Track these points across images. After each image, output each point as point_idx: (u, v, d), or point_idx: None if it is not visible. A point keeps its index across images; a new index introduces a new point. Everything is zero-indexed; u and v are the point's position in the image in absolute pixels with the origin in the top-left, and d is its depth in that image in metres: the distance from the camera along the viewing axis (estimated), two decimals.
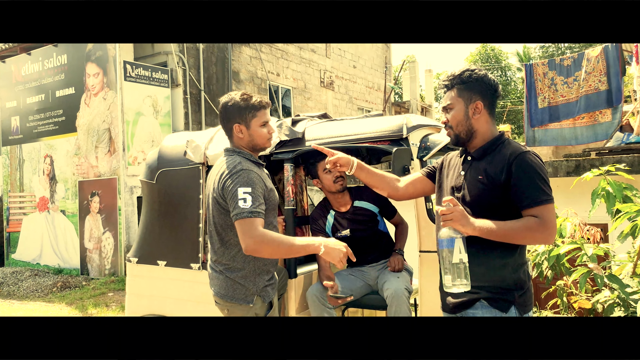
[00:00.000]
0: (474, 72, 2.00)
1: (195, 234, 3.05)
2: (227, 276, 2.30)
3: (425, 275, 2.53)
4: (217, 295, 2.35)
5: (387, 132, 2.64)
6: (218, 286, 2.34)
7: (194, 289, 3.03)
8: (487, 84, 2.00)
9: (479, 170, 1.97)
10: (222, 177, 2.22)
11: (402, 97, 18.92)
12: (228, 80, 11.52)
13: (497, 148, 1.97)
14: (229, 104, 2.33)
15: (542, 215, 1.81)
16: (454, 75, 2.03)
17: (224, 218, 2.26)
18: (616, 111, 6.97)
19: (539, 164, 1.89)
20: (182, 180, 3.14)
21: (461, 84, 2.01)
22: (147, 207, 3.36)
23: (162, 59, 10.38)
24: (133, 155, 9.24)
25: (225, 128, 2.38)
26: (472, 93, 1.99)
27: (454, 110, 2.02)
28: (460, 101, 2.01)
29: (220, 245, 2.31)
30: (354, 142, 2.73)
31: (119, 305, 7.03)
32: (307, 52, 14.05)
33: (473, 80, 1.99)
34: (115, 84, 9.18)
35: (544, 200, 1.83)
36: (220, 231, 2.30)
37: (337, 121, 3.05)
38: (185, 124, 10.41)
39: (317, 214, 3.00)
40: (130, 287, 3.39)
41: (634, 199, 3.88)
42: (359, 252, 3.01)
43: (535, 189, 1.84)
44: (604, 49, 7.10)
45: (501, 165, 1.90)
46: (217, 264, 2.34)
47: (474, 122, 2.00)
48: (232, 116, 2.33)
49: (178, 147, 3.24)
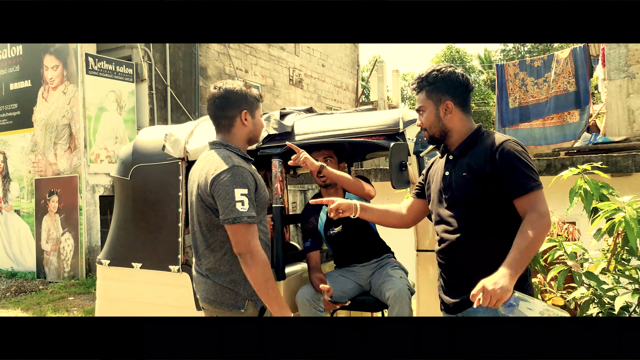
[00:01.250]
0: (440, 71, 1.97)
1: (174, 234, 2.85)
2: (215, 281, 2.11)
3: (422, 274, 2.44)
4: (205, 301, 2.16)
5: (383, 126, 2.53)
6: (205, 291, 2.15)
7: (173, 293, 2.84)
8: (454, 81, 1.97)
9: (462, 166, 1.93)
10: (211, 174, 2.03)
11: (369, 97, 18.98)
12: (195, 76, 11.20)
13: (478, 141, 1.95)
14: (235, 89, 2.16)
15: (533, 203, 1.79)
16: (421, 77, 2.01)
17: (209, 217, 2.08)
18: (584, 112, 7.14)
19: (521, 151, 1.86)
20: (160, 177, 2.94)
21: (429, 85, 1.99)
22: (120, 206, 3.14)
23: (127, 53, 9.97)
24: (95, 153, 8.81)
25: (226, 116, 2.15)
26: (441, 94, 1.97)
27: (426, 112, 2.02)
28: (430, 103, 1.99)
29: (205, 248, 2.12)
30: (347, 137, 2.61)
31: (81, 309, 6.66)
32: (276, 49, 13.86)
33: (440, 81, 1.97)
34: (76, 77, 8.73)
35: (533, 187, 1.80)
36: (205, 232, 2.11)
37: (328, 115, 2.92)
38: (150, 120, 10.03)
39: (309, 212, 2.86)
40: (101, 292, 3.15)
41: (611, 198, 3.94)
42: (350, 250, 2.90)
43: (522, 176, 1.80)
44: (572, 51, 7.26)
45: (484, 157, 1.87)
46: (201, 267, 2.15)
47: (447, 121, 1.98)
48: (240, 102, 2.15)
49: (155, 141, 3.03)
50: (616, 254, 4.16)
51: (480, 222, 1.86)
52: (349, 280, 2.84)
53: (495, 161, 1.83)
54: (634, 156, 5.85)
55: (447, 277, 1.98)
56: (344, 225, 2.80)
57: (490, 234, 1.86)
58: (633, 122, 6.74)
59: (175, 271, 2.83)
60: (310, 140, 2.66)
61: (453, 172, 1.96)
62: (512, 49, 31.46)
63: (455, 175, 1.94)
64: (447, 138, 2.00)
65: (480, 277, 1.76)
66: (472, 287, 1.73)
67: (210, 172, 2.04)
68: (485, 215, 1.85)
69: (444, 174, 2.00)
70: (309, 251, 2.78)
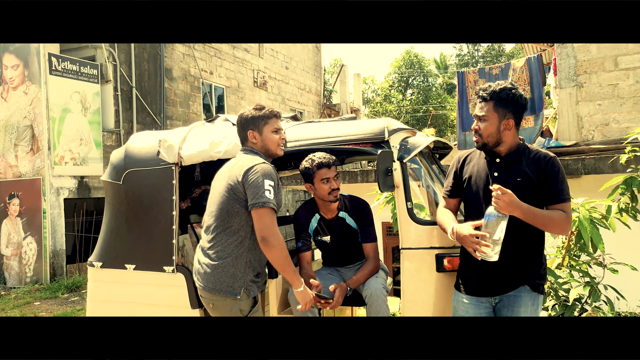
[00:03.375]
0: (511, 91, 2.20)
1: (168, 236, 2.96)
2: (218, 264, 2.41)
3: (407, 272, 2.65)
4: (204, 289, 2.46)
5: (370, 134, 2.74)
6: (205, 280, 2.45)
7: (167, 293, 2.94)
8: (520, 104, 2.23)
9: (516, 171, 2.23)
10: (247, 165, 2.41)
11: (331, 99, 19.26)
12: (161, 77, 11.12)
13: (526, 152, 2.26)
14: (244, 114, 2.58)
15: (566, 210, 2.17)
16: (494, 90, 2.22)
17: (234, 205, 2.42)
18: (538, 118, 7.61)
19: (561, 168, 2.23)
20: (153, 181, 3.03)
21: (499, 100, 2.21)
22: (111, 209, 3.21)
23: (90, 53, 9.81)
24: (60, 155, 8.64)
25: (241, 136, 2.61)
26: (507, 110, 2.22)
27: (488, 122, 2.24)
28: (495, 116, 2.23)
29: (221, 231, 2.44)
30: (336, 144, 2.80)
31: (49, 314, 6.56)
32: (241, 51, 13.90)
33: (510, 99, 2.20)
34: (38, 77, 8.54)
35: (567, 198, 2.19)
36: (225, 217, 2.43)
37: (315, 123, 3.11)
38: (115, 121, 9.91)
39: (302, 214, 3.03)
40: (92, 294, 3.21)
41: None
42: (337, 257, 3.10)
43: (562, 188, 2.19)
44: (527, 60, 7.73)
45: (537, 168, 2.21)
46: (208, 251, 2.46)
47: (504, 135, 2.24)
48: (247, 124, 2.57)
49: (147, 146, 3.12)
50: (569, 250, 4.55)
51: (518, 220, 2.17)
52: (335, 277, 3.04)
53: (547, 173, 2.18)
54: (583, 160, 6.33)
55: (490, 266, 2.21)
56: (332, 236, 2.98)
57: (528, 229, 2.17)
58: (582, 127, 7.27)
59: (170, 272, 2.93)
60: (301, 147, 2.84)
61: (505, 174, 2.23)
62: (467, 54, 32.56)
63: (508, 178, 2.21)
64: (497, 147, 2.26)
65: (527, 266, 2.21)
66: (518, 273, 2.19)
67: (245, 165, 2.42)
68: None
69: (493, 175, 2.26)
70: (300, 252, 2.96)
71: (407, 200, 2.67)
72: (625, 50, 7.01)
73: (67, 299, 7.42)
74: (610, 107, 7.11)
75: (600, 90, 7.16)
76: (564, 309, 4.24)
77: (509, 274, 2.22)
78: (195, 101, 12.32)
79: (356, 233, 2.99)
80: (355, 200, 3.04)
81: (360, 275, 2.87)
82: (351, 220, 2.98)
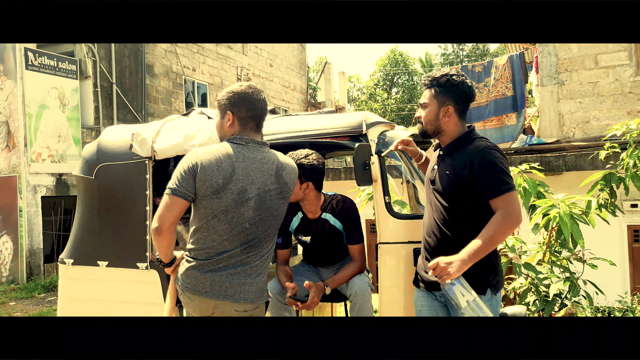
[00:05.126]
0: (452, 77, 2.14)
1: (142, 232, 2.88)
2: (262, 274, 2.20)
3: (386, 266, 2.61)
4: (246, 301, 2.15)
5: (347, 128, 2.69)
6: (246, 292, 2.15)
7: (141, 289, 2.87)
8: (461, 90, 2.15)
9: (447, 165, 2.16)
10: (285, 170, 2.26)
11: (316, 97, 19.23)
12: (142, 73, 10.96)
13: (464, 145, 2.14)
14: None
15: (504, 203, 2.01)
16: (434, 77, 2.18)
17: (284, 207, 2.28)
18: (520, 115, 7.67)
19: (498, 157, 2.07)
20: (126, 176, 2.95)
21: (439, 87, 2.15)
22: (83, 205, 3.12)
23: (69, 48, 9.63)
24: (37, 152, 8.46)
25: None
26: (446, 97, 2.15)
27: (428, 109, 2.19)
28: (435, 102, 2.17)
29: (272, 238, 2.24)
30: (314, 137, 2.75)
31: (24, 314, 6.40)
32: (224, 48, 13.78)
33: (449, 86, 2.14)
34: (14, 72, 8.34)
35: (504, 190, 2.02)
36: (275, 223, 2.24)
37: (293, 116, 3.05)
38: (95, 118, 9.74)
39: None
40: (64, 291, 3.11)
41: (547, 195, 4.33)
42: (316, 257, 3.03)
43: (496, 180, 2.03)
44: (510, 58, 7.78)
45: (464, 163, 2.08)
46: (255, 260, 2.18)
47: (443, 123, 2.18)
48: None
49: (120, 140, 3.04)
50: (550, 246, 4.57)
51: (456, 214, 2.10)
52: (313, 274, 2.98)
53: (474, 167, 2.05)
54: (564, 156, 6.38)
55: (430, 258, 2.17)
56: (313, 237, 2.89)
57: (465, 224, 2.08)
58: (563, 125, 7.32)
59: (143, 268, 2.86)
60: (277, 140, 2.79)
61: (440, 167, 2.19)
62: (452, 54, 32.79)
63: (441, 171, 2.17)
64: (439, 136, 2.21)
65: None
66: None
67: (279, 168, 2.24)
68: (461, 209, 2.09)
69: (433, 167, 2.23)
70: (279, 248, 2.89)
71: (385, 195, 2.63)
72: (605, 49, 7.08)
73: (44, 299, 7.26)
74: (591, 104, 7.18)
75: (581, 88, 7.22)
76: (545, 304, 4.26)
77: None
78: (178, 98, 12.18)
79: (340, 235, 2.88)
80: (342, 200, 2.89)
81: (341, 275, 2.78)
82: (336, 221, 2.85)
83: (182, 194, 2.07)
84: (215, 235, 2.10)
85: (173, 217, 2.07)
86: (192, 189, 2.07)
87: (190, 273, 2.12)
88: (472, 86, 2.19)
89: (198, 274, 2.11)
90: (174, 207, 2.07)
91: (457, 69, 8.20)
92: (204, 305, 2.12)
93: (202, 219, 2.11)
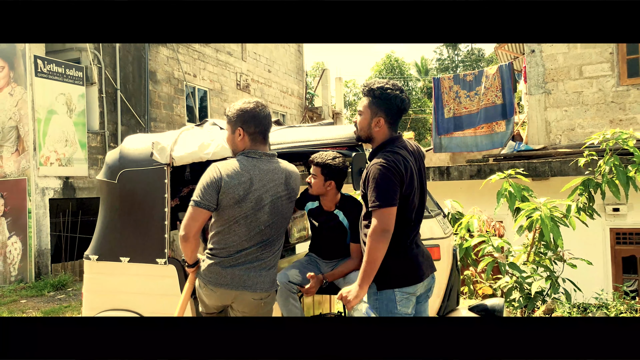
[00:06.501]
0: (385, 90, 2.26)
1: (160, 231, 3.21)
2: (273, 266, 2.58)
3: None
4: (262, 290, 2.51)
5: (345, 138, 3.04)
6: (262, 282, 2.51)
7: (160, 283, 3.19)
8: (394, 105, 2.28)
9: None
10: (292, 178, 2.63)
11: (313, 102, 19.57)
12: (145, 80, 11.29)
13: (376, 155, 2.30)
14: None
15: (373, 219, 2.18)
16: (371, 87, 2.30)
17: (292, 209, 2.68)
18: (509, 123, 8.03)
19: (377, 173, 2.19)
20: (147, 180, 3.28)
21: (373, 98, 2.29)
22: (106, 206, 3.44)
23: (75, 55, 9.95)
24: (45, 155, 8.77)
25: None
26: (379, 109, 2.29)
27: (362, 117, 2.36)
28: (368, 112, 2.32)
29: (282, 237, 2.61)
30: (315, 147, 3.09)
31: (38, 312, 6.70)
32: (224, 54, 14.12)
33: (383, 99, 2.27)
34: (24, 79, 8.66)
35: (373, 207, 2.18)
36: (284, 224, 2.62)
37: (296, 128, 3.39)
38: (100, 123, 10.06)
39: (304, 195, 3.21)
40: (88, 285, 3.44)
41: (530, 199, 4.68)
42: (319, 244, 3.36)
43: (370, 195, 2.20)
44: (499, 67, 8.15)
45: (364, 174, 2.31)
46: (269, 256, 2.55)
47: (374, 132, 2.34)
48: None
49: (140, 148, 3.37)
50: (534, 247, 4.92)
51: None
52: (315, 268, 3.31)
53: (366, 179, 2.25)
54: (550, 162, 6.74)
55: None
56: (320, 224, 3.21)
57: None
58: (550, 132, 7.69)
59: (162, 264, 3.19)
60: (284, 149, 3.13)
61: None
62: (447, 58, 33.24)
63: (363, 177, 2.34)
64: (371, 142, 2.38)
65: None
66: None
67: (289, 177, 2.62)
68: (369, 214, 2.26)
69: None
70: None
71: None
72: (589, 60, 7.47)
73: (54, 297, 7.56)
74: (576, 113, 7.55)
75: (567, 97, 7.60)
76: (527, 301, 4.61)
77: None
78: (179, 103, 12.51)
79: (345, 231, 3.16)
80: (355, 203, 3.17)
81: (339, 270, 3.10)
82: (344, 219, 3.14)
83: (205, 206, 2.42)
84: (235, 237, 2.47)
85: (197, 225, 2.44)
86: (214, 201, 2.42)
87: (213, 268, 2.48)
88: (406, 100, 2.29)
89: (219, 269, 2.47)
90: (199, 217, 2.43)
91: (449, 77, 8.57)
92: (225, 295, 2.49)
93: (224, 224, 2.47)
